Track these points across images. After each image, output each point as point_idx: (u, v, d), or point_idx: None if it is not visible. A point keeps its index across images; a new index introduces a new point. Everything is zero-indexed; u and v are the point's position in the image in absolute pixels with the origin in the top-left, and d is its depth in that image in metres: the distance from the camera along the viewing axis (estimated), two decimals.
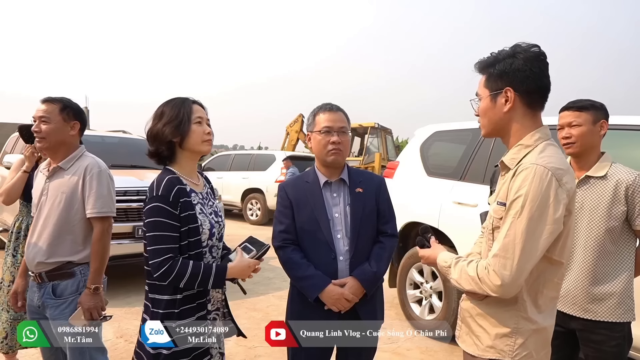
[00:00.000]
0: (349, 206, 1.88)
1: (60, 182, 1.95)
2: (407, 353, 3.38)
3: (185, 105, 1.61)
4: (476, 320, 1.37)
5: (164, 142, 1.57)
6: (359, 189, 1.90)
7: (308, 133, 1.95)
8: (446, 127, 4.11)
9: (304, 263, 1.83)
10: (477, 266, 1.27)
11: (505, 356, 1.30)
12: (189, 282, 1.49)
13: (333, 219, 1.87)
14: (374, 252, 1.89)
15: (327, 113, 1.88)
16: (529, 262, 1.21)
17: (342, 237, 1.86)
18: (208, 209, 1.65)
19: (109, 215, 1.99)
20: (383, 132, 14.62)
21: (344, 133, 1.88)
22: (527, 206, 1.20)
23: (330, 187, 1.92)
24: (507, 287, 1.21)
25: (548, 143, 1.30)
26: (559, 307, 1.99)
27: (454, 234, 3.47)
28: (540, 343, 1.32)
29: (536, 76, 1.29)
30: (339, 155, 1.87)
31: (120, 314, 4.03)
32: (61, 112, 1.95)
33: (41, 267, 1.93)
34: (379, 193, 1.95)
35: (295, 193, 1.91)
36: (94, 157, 2.04)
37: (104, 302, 1.95)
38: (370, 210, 1.90)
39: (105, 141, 5.92)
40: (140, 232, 4.56)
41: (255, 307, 4.35)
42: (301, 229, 1.88)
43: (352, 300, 1.79)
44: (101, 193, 1.95)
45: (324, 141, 1.85)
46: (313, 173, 1.95)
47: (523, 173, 1.23)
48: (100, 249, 1.94)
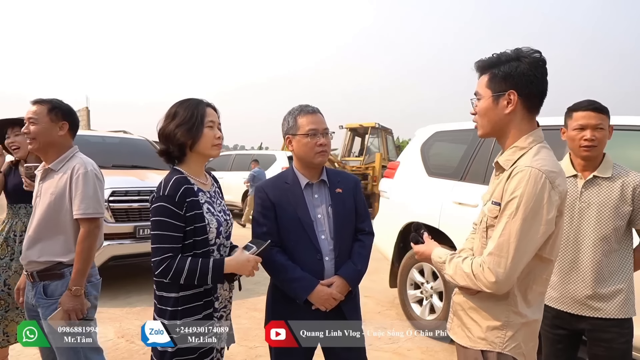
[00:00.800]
0: (330, 207, 1.90)
1: (50, 183, 1.96)
2: (408, 353, 3.38)
3: (199, 108, 1.62)
4: (468, 314, 1.43)
5: (175, 143, 1.60)
6: (338, 189, 1.94)
7: (288, 136, 1.90)
8: (447, 128, 4.10)
9: (290, 265, 1.83)
10: (472, 263, 1.33)
11: (496, 347, 1.36)
12: (188, 278, 1.52)
13: (316, 220, 1.88)
14: (356, 250, 1.93)
15: (310, 115, 1.88)
16: (522, 260, 1.28)
17: (326, 237, 1.88)
18: (217, 207, 1.68)
19: (95, 217, 1.96)
20: (384, 132, 14.61)
21: (327, 134, 1.91)
22: (522, 207, 1.25)
23: (312, 189, 1.92)
24: (501, 283, 1.27)
25: (542, 146, 1.35)
26: (565, 308, 2.00)
27: (455, 234, 3.47)
28: (528, 335, 1.38)
29: (539, 81, 1.33)
30: (325, 156, 1.90)
31: (121, 313, 4.04)
32: (49, 112, 1.96)
33: (33, 266, 1.94)
34: (356, 192, 2.00)
35: (276, 194, 1.89)
36: (83, 158, 2.03)
37: (85, 305, 1.92)
38: (350, 210, 1.94)
39: (106, 141, 5.94)
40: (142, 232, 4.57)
41: (256, 307, 4.35)
42: (284, 230, 1.86)
43: (339, 299, 1.84)
44: (87, 194, 1.93)
45: (310, 143, 1.85)
46: (292, 174, 1.94)
47: (518, 175, 1.28)
48: (83, 250, 1.91)
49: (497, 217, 1.32)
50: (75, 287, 1.88)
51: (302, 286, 1.81)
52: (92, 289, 2.03)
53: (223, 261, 1.58)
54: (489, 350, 1.37)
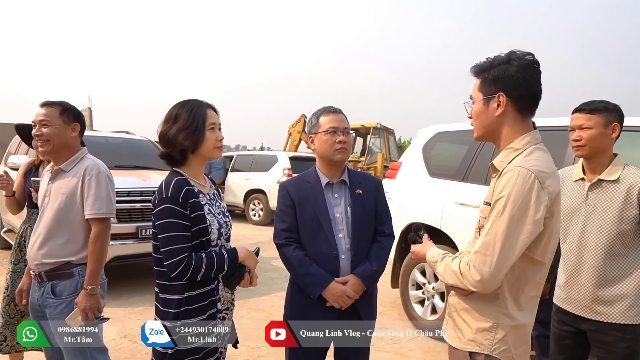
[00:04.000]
0: (350, 207, 1.93)
1: (61, 184, 1.98)
2: (409, 353, 3.38)
3: (200, 110, 1.61)
4: (460, 315, 1.43)
5: (177, 148, 1.59)
6: (359, 190, 1.96)
7: (311, 135, 1.99)
8: (449, 128, 4.10)
9: (307, 261, 1.88)
10: (460, 262, 1.34)
11: (485, 349, 1.35)
12: (206, 274, 1.53)
13: (335, 219, 1.92)
14: (374, 251, 1.95)
15: (331, 114, 1.95)
16: (508, 259, 1.27)
17: (344, 236, 1.92)
18: (216, 209, 1.68)
19: (107, 217, 1.99)
20: (385, 132, 14.60)
21: (348, 133, 1.96)
22: (509, 206, 1.25)
23: (332, 188, 1.97)
24: (486, 282, 1.27)
25: (536, 147, 1.35)
26: (569, 309, 2.01)
27: (456, 234, 3.47)
28: (519, 339, 1.37)
29: (528, 83, 1.34)
30: (345, 153, 1.93)
31: (123, 313, 4.05)
32: (61, 114, 1.98)
33: (41, 267, 1.95)
34: (377, 194, 2.02)
35: (298, 192, 1.96)
36: (94, 159, 2.06)
37: (100, 303, 1.96)
38: (369, 211, 1.97)
39: (109, 142, 5.94)
40: (145, 232, 4.58)
41: (258, 308, 4.36)
42: (303, 227, 1.92)
43: (354, 297, 1.85)
44: (99, 195, 1.96)
45: (330, 141, 1.90)
46: (314, 174, 1.99)
47: (507, 175, 1.28)
48: (96, 250, 1.94)
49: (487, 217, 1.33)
50: (90, 287, 1.91)
51: (316, 281, 1.85)
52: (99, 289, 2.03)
53: (236, 250, 1.62)
54: (477, 352, 1.36)
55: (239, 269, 1.62)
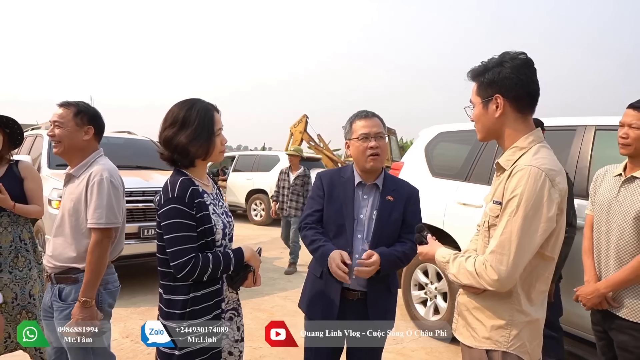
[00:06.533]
0: (376, 211, 1.91)
1: (71, 189, 1.96)
2: (412, 354, 3.38)
3: (209, 115, 1.59)
4: (473, 313, 1.44)
5: (188, 158, 1.57)
6: (389, 197, 1.94)
7: (347, 141, 2.00)
8: (451, 128, 4.09)
9: (322, 238, 1.92)
10: (474, 262, 1.35)
11: (501, 346, 1.37)
12: (213, 274, 1.52)
13: (358, 220, 1.92)
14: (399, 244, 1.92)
15: (364, 120, 1.93)
16: (524, 257, 1.29)
17: (362, 237, 1.91)
18: (219, 209, 1.67)
19: (107, 227, 1.88)
20: (387, 132, 14.59)
21: (381, 138, 1.92)
22: (522, 205, 1.27)
23: (363, 189, 1.96)
24: (503, 281, 1.29)
25: (541, 145, 1.37)
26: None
27: (459, 234, 3.46)
28: (533, 334, 1.40)
29: (523, 83, 1.36)
30: (377, 160, 1.91)
31: (125, 314, 4.05)
32: (75, 116, 1.94)
33: (51, 268, 1.95)
34: (408, 203, 1.97)
35: (330, 185, 1.99)
36: (104, 164, 1.97)
37: (95, 316, 1.85)
38: (395, 219, 1.93)
39: (111, 142, 5.94)
40: (147, 232, 4.58)
41: (260, 308, 4.36)
42: (327, 221, 1.96)
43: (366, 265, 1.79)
44: (100, 203, 1.87)
45: (362, 147, 1.89)
46: (350, 170, 2.01)
47: (518, 174, 1.30)
48: (93, 261, 1.85)
49: (499, 216, 1.35)
50: (84, 299, 1.82)
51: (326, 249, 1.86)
52: (107, 296, 1.98)
53: (242, 249, 1.61)
54: (493, 350, 1.38)
55: (244, 269, 1.61)
